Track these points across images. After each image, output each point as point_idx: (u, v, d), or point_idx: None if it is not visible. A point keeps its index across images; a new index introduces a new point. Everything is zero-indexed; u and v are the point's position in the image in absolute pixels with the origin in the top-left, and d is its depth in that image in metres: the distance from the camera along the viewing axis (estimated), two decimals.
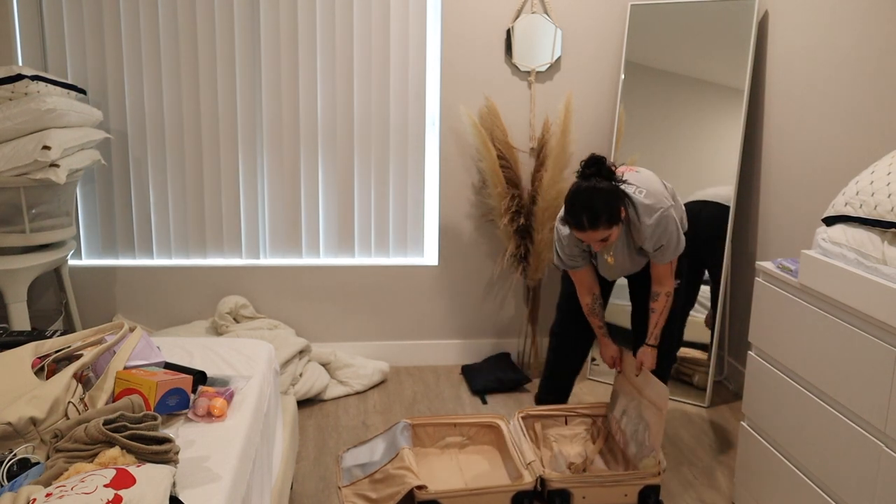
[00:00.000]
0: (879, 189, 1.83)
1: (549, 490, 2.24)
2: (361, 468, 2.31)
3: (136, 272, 3.52)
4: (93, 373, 1.83)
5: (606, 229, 2.26)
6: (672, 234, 2.37)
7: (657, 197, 2.34)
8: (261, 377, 2.07)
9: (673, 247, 2.39)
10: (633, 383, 2.53)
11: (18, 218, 2.85)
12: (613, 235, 2.30)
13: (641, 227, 2.34)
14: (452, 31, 3.42)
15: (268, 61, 3.40)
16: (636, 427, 2.43)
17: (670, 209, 2.35)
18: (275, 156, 3.49)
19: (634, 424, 2.45)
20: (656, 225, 2.33)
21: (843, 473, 1.87)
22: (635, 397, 2.49)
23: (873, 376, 1.75)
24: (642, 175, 2.43)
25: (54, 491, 1.23)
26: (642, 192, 2.34)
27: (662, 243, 2.36)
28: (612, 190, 2.26)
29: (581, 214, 2.23)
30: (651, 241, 2.36)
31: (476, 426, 2.61)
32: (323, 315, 3.62)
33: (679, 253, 2.42)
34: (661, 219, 2.33)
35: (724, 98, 3.22)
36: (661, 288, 2.47)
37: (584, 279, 2.57)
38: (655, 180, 2.42)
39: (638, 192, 2.34)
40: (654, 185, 2.39)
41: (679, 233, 2.40)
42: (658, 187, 2.39)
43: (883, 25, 2.41)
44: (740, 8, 3.18)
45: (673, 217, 2.35)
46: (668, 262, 2.43)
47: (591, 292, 2.59)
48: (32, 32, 3.29)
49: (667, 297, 2.47)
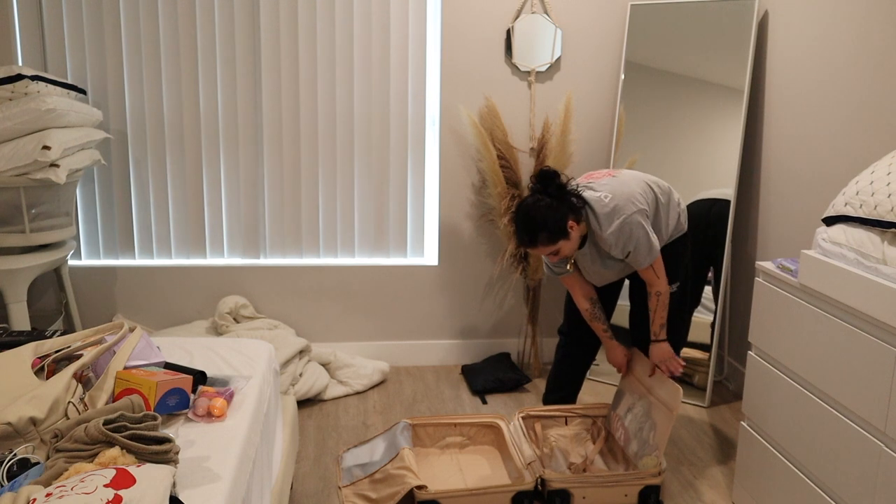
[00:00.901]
0: (879, 189, 1.83)
1: (549, 490, 2.24)
2: (362, 468, 2.32)
3: (136, 272, 3.52)
4: (93, 373, 1.83)
5: (549, 245, 2.28)
6: (639, 238, 2.31)
7: (623, 203, 2.30)
8: (261, 377, 2.07)
9: (644, 251, 2.34)
10: (643, 382, 2.53)
11: (18, 218, 2.85)
12: (564, 249, 2.31)
13: (603, 236, 2.32)
14: (452, 30, 3.43)
15: (268, 61, 3.40)
16: (641, 425, 2.43)
17: (635, 214, 2.29)
18: (275, 156, 3.49)
19: (640, 422, 2.45)
20: (618, 232, 2.29)
21: (843, 473, 1.87)
22: (644, 396, 2.49)
23: (873, 376, 1.75)
24: (618, 179, 2.39)
25: (54, 491, 1.23)
26: (607, 197, 2.32)
27: (629, 249, 2.32)
28: (554, 206, 2.25)
29: (521, 232, 2.29)
30: (616, 249, 2.33)
31: (476, 426, 2.61)
32: (323, 315, 3.62)
33: (654, 256, 2.36)
34: (623, 225, 2.29)
35: (724, 98, 3.22)
36: (652, 288, 2.45)
37: (576, 285, 2.57)
38: (630, 184, 2.38)
39: (603, 197, 2.32)
40: (624, 190, 2.34)
41: (649, 236, 2.33)
42: (629, 191, 2.34)
43: (883, 25, 2.41)
44: (740, 8, 3.18)
45: (638, 222, 2.30)
46: (646, 266, 2.38)
47: (587, 297, 2.57)
48: (32, 32, 3.29)
49: (657, 297, 2.44)
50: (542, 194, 2.30)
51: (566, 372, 2.76)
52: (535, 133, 3.53)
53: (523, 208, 2.30)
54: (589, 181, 2.45)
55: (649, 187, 2.44)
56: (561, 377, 2.77)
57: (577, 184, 2.43)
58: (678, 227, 2.54)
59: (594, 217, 2.33)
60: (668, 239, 2.51)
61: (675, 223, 2.52)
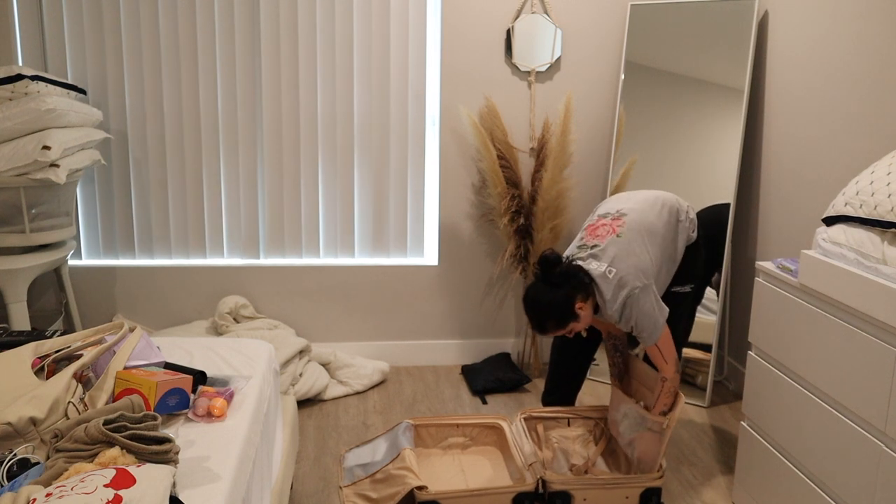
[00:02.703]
0: (879, 189, 1.83)
1: (550, 492, 2.24)
2: (363, 468, 2.31)
3: (136, 272, 3.52)
4: (93, 373, 1.83)
5: (560, 329, 2.28)
6: (646, 313, 2.23)
7: (629, 275, 2.24)
8: (261, 377, 2.07)
9: (648, 329, 2.25)
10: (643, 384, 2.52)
11: (18, 218, 2.85)
12: (577, 327, 2.30)
13: (608, 313, 2.28)
14: (452, 31, 3.43)
15: (268, 61, 3.40)
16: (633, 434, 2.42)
17: (640, 290, 2.23)
18: (275, 155, 3.49)
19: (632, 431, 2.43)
20: (623, 307, 2.25)
21: (843, 473, 1.87)
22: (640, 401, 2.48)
23: (873, 376, 1.75)
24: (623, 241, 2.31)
25: (54, 491, 1.23)
26: (612, 272, 2.26)
27: (632, 324, 2.27)
28: (559, 296, 2.23)
29: (531, 320, 2.31)
30: (622, 324, 2.30)
31: (478, 427, 2.61)
32: (323, 315, 3.62)
33: (657, 336, 2.28)
34: (628, 299, 2.23)
35: (724, 98, 3.22)
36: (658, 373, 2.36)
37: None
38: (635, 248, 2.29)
39: (608, 273, 2.26)
40: (630, 261, 2.26)
41: (654, 313, 2.24)
42: (635, 262, 2.26)
43: (883, 25, 2.41)
44: (740, 8, 3.18)
45: (646, 297, 2.23)
46: (651, 344, 2.28)
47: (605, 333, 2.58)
48: (32, 32, 3.29)
49: (662, 382, 2.31)
50: (544, 282, 2.28)
51: (563, 371, 2.74)
52: (535, 133, 3.53)
53: (529, 298, 2.30)
54: (595, 243, 2.36)
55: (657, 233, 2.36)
56: (557, 377, 2.75)
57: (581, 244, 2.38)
58: (688, 240, 2.51)
59: (600, 294, 2.28)
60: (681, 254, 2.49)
61: (686, 239, 2.48)
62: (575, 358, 2.73)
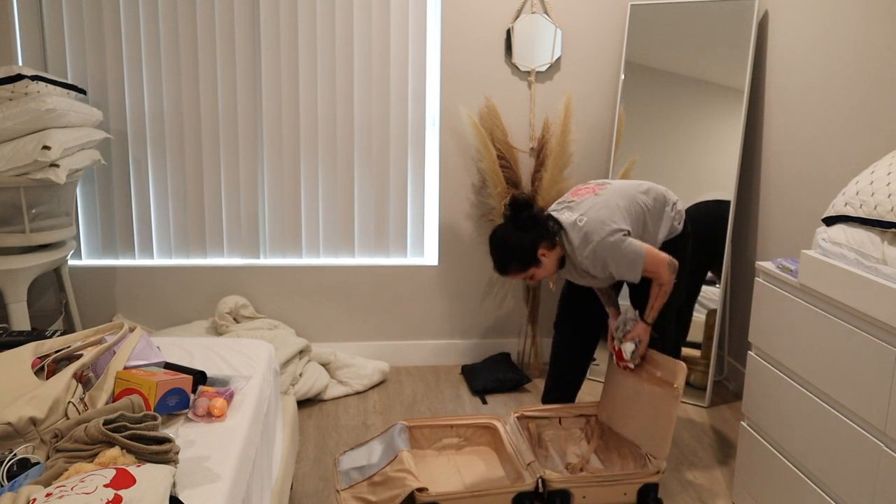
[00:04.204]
0: (879, 189, 1.83)
1: (549, 490, 2.24)
2: (359, 471, 2.31)
3: (136, 272, 3.52)
4: (93, 373, 1.83)
5: (520, 272, 2.34)
6: (616, 258, 2.30)
7: (595, 226, 2.30)
8: (261, 377, 2.07)
9: (625, 268, 2.32)
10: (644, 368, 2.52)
11: (18, 218, 2.85)
12: (539, 274, 2.36)
13: (579, 259, 2.35)
14: (452, 31, 3.43)
15: (268, 61, 3.40)
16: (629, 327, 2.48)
17: (607, 237, 2.28)
18: (275, 155, 3.49)
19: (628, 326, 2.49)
20: (592, 256, 2.31)
21: (843, 473, 1.87)
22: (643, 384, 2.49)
23: (873, 376, 1.75)
24: (600, 198, 2.38)
25: (54, 491, 1.23)
26: (583, 220, 2.33)
27: (610, 270, 2.33)
28: (524, 238, 2.30)
29: (494, 260, 2.38)
30: (596, 271, 2.35)
31: (473, 427, 2.61)
32: (323, 315, 3.62)
33: (639, 270, 2.32)
34: (597, 249, 2.29)
35: (724, 98, 3.22)
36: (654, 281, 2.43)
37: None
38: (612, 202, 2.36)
39: (579, 220, 2.33)
40: (601, 213, 2.33)
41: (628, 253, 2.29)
42: (607, 213, 2.33)
43: (883, 25, 2.41)
44: (740, 8, 3.18)
45: (611, 243, 2.28)
46: (636, 279, 2.35)
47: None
48: (32, 32, 3.29)
49: (659, 287, 2.41)
50: (512, 223, 2.35)
51: (563, 368, 2.73)
52: (535, 133, 3.53)
53: (494, 238, 2.38)
54: (572, 199, 2.46)
55: (635, 200, 2.42)
56: (557, 374, 2.74)
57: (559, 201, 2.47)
58: (672, 230, 2.53)
59: (569, 242, 2.35)
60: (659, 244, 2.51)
61: (669, 229, 2.51)
62: (575, 356, 2.73)
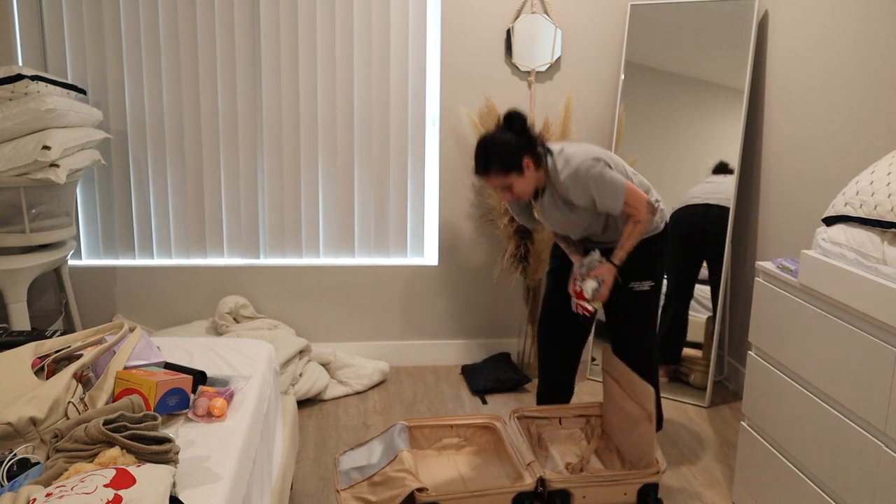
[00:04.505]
0: (879, 189, 1.83)
1: (549, 490, 2.24)
2: (359, 471, 2.31)
3: (136, 272, 3.52)
4: (93, 373, 1.83)
5: (500, 175, 2.33)
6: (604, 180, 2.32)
7: (583, 152, 2.35)
8: (261, 377, 2.07)
9: (609, 193, 2.33)
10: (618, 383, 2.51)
11: (18, 218, 2.85)
12: (518, 186, 2.35)
13: (560, 179, 2.35)
14: (452, 30, 3.43)
15: (268, 61, 3.40)
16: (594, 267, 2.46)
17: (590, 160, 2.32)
18: (275, 155, 3.49)
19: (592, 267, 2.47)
20: (575, 177, 2.32)
21: (843, 473, 1.87)
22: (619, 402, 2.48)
23: (873, 376, 1.75)
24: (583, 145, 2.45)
25: (54, 491, 1.23)
26: (568, 149, 2.38)
27: (592, 194, 2.34)
28: (513, 141, 2.32)
29: (477, 159, 2.36)
30: (577, 194, 2.35)
31: (472, 427, 2.60)
32: (323, 315, 3.62)
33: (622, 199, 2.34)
34: (579, 169, 2.31)
35: (724, 98, 3.22)
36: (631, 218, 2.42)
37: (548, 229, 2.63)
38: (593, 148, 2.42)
39: (563, 149, 2.38)
40: (583, 147, 2.39)
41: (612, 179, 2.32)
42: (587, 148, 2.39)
43: (883, 25, 2.41)
44: (740, 8, 3.18)
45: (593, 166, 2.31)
46: (618, 210, 2.36)
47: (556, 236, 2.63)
48: (32, 32, 3.29)
49: (634, 224, 2.39)
50: (505, 127, 2.37)
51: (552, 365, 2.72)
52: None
53: (484, 138, 2.37)
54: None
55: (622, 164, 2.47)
56: (546, 372, 2.73)
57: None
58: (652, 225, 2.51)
59: (553, 164, 2.37)
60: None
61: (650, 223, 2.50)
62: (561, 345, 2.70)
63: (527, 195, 2.42)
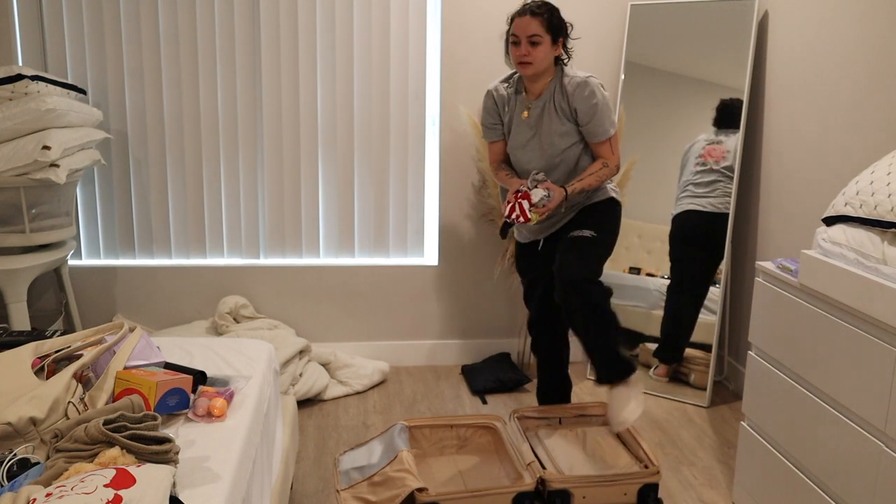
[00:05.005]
0: (879, 189, 1.83)
1: (549, 490, 2.24)
2: (359, 471, 2.31)
3: (136, 272, 3.52)
4: (93, 373, 1.83)
5: (542, 28, 2.38)
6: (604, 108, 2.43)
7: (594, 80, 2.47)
8: (261, 377, 2.07)
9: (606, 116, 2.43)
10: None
11: (18, 218, 2.85)
12: (541, 49, 2.39)
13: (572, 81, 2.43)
14: (453, 30, 3.43)
15: (268, 61, 3.40)
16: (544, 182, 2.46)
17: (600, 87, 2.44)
18: (275, 155, 3.49)
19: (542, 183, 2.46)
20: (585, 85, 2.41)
21: (843, 473, 1.87)
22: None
23: (873, 376, 1.75)
24: None
25: (54, 491, 1.23)
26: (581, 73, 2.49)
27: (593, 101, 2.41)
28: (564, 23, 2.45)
29: (535, 1, 2.42)
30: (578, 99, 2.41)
31: (472, 427, 2.60)
32: (323, 315, 3.62)
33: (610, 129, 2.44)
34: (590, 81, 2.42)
35: (724, 98, 3.22)
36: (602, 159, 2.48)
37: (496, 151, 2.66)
38: None
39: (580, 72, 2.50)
40: None
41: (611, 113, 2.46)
42: None
43: (883, 25, 2.41)
44: (740, 8, 3.18)
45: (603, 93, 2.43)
46: (604, 138, 2.45)
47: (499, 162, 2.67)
48: (32, 32, 3.29)
49: (603, 166, 2.47)
50: None
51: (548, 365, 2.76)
52: None
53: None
54: None
55: None
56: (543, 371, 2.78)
57: None
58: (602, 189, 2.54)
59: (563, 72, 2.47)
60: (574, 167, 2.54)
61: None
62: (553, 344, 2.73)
63: (538, 66, 2.43)
